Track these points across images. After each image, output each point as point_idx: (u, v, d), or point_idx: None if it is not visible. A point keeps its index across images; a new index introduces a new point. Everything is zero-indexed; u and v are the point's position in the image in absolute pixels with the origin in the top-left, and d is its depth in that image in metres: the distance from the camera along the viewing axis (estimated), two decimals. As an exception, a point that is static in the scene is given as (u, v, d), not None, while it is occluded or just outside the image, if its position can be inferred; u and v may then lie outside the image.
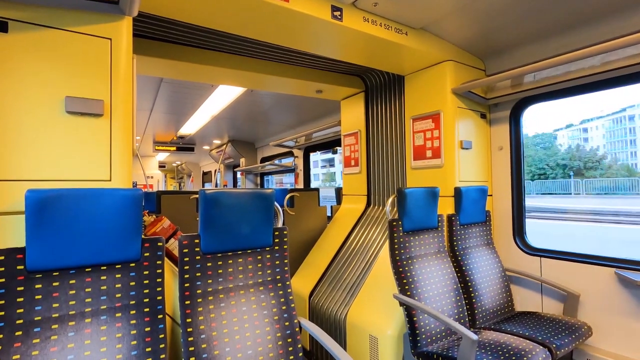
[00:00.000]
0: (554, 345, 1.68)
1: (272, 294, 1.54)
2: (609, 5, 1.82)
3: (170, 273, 1.54)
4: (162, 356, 1.22)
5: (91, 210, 1.15)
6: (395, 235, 1.97)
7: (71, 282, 1.14)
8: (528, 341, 1.70)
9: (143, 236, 1.29)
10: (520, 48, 2.32)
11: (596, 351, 1.99)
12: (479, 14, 1.98)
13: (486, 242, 2.40)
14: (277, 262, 1.60)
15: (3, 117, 1.13)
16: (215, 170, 8.35)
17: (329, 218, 3.59)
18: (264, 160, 6.76)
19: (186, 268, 1.39)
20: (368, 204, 3.06)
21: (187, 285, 1.38)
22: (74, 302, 1.13)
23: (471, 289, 2.11)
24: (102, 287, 1.18)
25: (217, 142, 7.02)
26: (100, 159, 1.27)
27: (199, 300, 1.38)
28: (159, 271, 1.29)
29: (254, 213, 1.53)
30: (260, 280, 1.54)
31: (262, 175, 7.59)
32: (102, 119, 1.27)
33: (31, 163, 1.16)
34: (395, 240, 1.96)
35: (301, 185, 5.36)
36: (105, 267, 1.20)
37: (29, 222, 1.07)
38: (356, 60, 2.35)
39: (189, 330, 1.32)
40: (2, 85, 1.13)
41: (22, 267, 1.08)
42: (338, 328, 2.32)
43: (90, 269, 1.18)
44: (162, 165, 10.24)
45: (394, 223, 1.99)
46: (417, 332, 1.77)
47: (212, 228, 1.44)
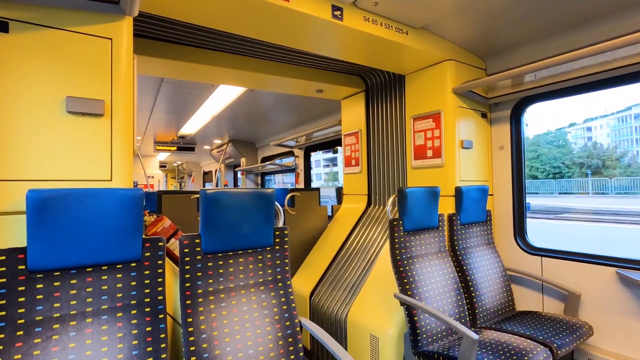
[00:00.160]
0: (555, 345, 1.68)
1: (272, 294, 1.54)
2: (609, 5, 1.82)
3: (171, 273, 1.54)
4: (163, 356, 1.22)
5: (92, 210, 1.15)
6: (396, 234, 1.97)
7: (72, 282, 1.14)
8: (529, 341, 1.69)
9: (144, 236, 1.29)
10: (520, 47, 2.31)
11: (597, 351, 1.99)
12: (479, 14, 1.98)
13: (487, 241, 2.39)
14: (278, 262, 1.60)
15: (4, 117, 1.13)
16: (216, 170, 8.35)
17: (330, 218, 3.59)
18: (264, 160, 6.75)
19: (187, 268, 1.40)
20: (369, 203, 3.06)
21: (187, 285, 1.38)
22: (75, 302, 1.13)
23: (472, 289, 2.10)
24: (103, 287, 1.19)
25: (217, 141, 7.02)
26: (100, 159, 1.27)
27: (200, 300, 1.38)
28: (160, 271, 1.29)
29: (255, 213, 1.53)
30: (261, 280, 1.54)
31: (263, 175, 7.59)
32: (103, 119, 1.27)
33: (32, 163, 1.16)
34: (396, 240, 1.96)
35: (302, 185, 5.36)
36: (106, 267, 1.20)
37: (30, 222, 1.07)
38: (357, 59, 2.35)
39: (190, 330, 1.32)
40: (2, 85, 1.13)
41: (23, 267, 1.08)
42: (339, 328, 2.32)
43: (91, 269, 1.18)
44: (162, 165, 10.25)
45: (395, 223, 1.98)
46: (418, 331, 1.77)
47: (212, 228, 1.44)
